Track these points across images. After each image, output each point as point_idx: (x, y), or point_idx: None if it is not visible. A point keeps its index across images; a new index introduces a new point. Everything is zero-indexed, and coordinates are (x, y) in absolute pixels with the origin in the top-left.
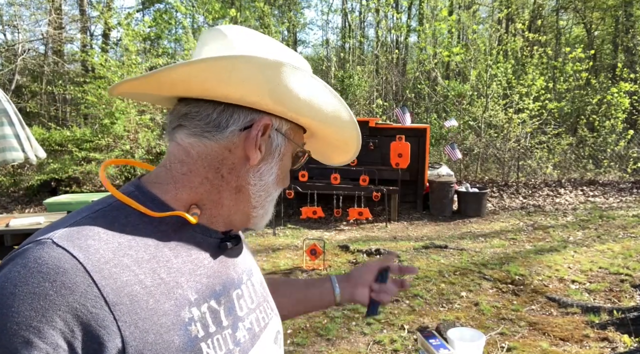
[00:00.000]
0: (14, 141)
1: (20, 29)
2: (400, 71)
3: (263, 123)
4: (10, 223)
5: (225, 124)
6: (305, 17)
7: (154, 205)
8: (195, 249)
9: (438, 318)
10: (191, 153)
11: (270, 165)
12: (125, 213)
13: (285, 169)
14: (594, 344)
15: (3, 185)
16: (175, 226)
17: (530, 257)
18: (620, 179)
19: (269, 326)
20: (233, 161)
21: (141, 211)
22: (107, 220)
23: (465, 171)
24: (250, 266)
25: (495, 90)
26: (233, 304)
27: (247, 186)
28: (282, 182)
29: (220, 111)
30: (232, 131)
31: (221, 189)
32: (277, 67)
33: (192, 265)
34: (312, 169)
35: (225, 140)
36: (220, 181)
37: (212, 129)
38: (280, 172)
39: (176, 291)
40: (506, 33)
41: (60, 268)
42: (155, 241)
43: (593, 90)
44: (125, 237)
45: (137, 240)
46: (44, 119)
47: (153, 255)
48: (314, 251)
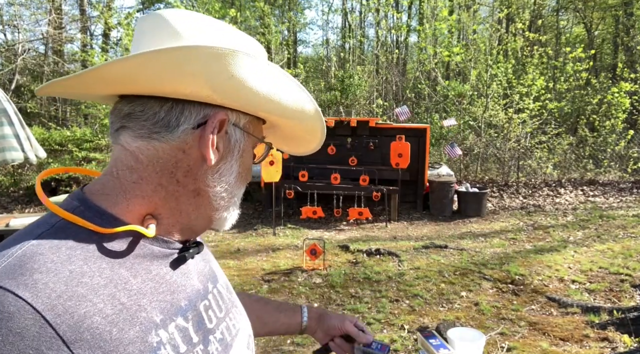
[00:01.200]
0: (13, 140)
1: (20, 29)
2: (400, 71)
3: (218, 119)
4: (10, 223)
5: (176, 123)
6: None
7: (103, 220)
8: (154, 264)
9: (438, 318)
10: (140, 158)
11: (230, 163)
12: (72, 233)
13: (246, 165)
14: (594, 344)
15: (3, 185)
16: (130, 241)
17: (530, 257)
18: (621, 179)
19: (240, 332)
20: (188, 162)
21: (89, 228)
22: (53, 245)
23: (465, 171)
24: (214, 272)
25: (495, 90)
26: (202, 318)
27: (207, 189)
28: (244, 179)
29: (169, 108)
30: (184, 130)
31: (178, 195)
32: (231, 57)
33: (153, 283)
34: (312, 169)
35: (177, 140)
36: (176, 186)
37: (161, 129)
38: (241, 169)
39: (140, 315)
40: (506, 33)
41: (5, 313)
42: (110, 262)
43: (593, 90)
44: (76, 263)
45: (89, 264)
46: (44, 119)
47: (110, 279)
48: (314, 251)
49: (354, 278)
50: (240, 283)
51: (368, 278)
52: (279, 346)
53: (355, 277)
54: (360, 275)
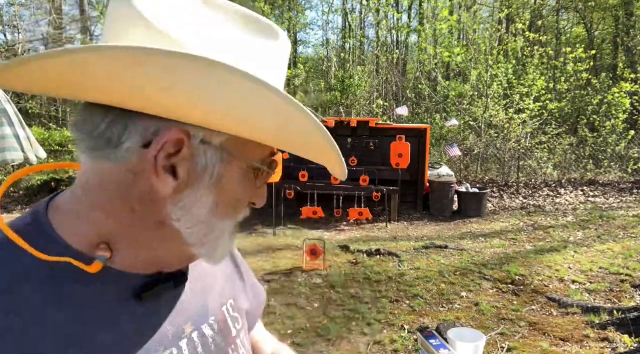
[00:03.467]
0: (13, 140)
1: (20, 29)
2: (401, 71)
3: (169, 138)
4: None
5: (118, 139)
6: (305, 17)
7: (46, 241)
8: (106, 304)
9: (438, 318)
10: (89, 178)
11: (197, 194)
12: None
13: (232, 194)
14: (594, 344)
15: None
16: (78, 276)
17: (530, 257)
18: (621, 179)
19: None
20: (142, 188)
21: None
22: None
23: (465, 171)
24: (205, 305)
25: (495, 90)
26: None
27: (171, 222)
28: (232, 209)
29: (110, 120)
30: (129, 149)
31: (134, 226)
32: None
33: (98, 328)
34: (312, 169)
35: (122, 160)
36: (131, 215)
37: (103, 146)
38: (222, 199)
39: None
40: (506, 33)
41: None
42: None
43: (593, 90)
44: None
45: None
46: (44, 119)
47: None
48: (314, 251)
49: (354, 278)
50: None
51: (368, 278)
52: None
53: (355, 277)
54: (360, 275)
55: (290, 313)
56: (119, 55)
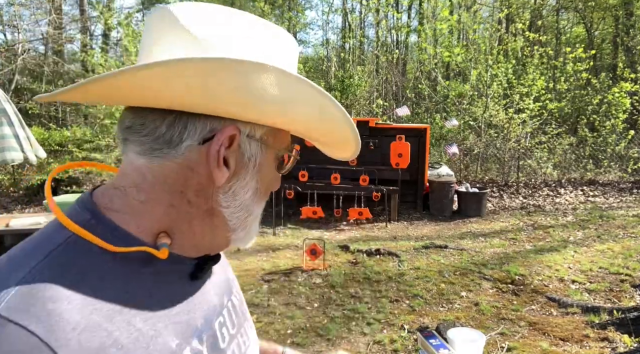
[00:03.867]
0: (12, 140)
1: (20, 29)
2: (401, 71)
3: (227, 135)
4: (10, 223)
5: (179, 139)
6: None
7: (116, 237)
8: (169, 283)
9: (438, 318)
10: (147, 177)
11: (244, 181)
12: (83, 251)
13: (266, 179)
14: (594, 344)
15: (3, 185)
16: (144, 259)
17: (530, 257)
18: (621, 179)
19: (249, 349)
20: (198, 181)
21: (101, 246)
22: (65, 267)
23: (465, 171)
24: (229, 281)
25: (495, 90)
26: (216, 338)
27: (220, 209)
28: (263, 195)
29: (170, 123)
30: (189, 147)
31: (191, 217)
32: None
33: (169, 303)
34: (312, 169)
35: (182, 158)
36: (188, 207)
37: (163, 146)
38: (260, 185)
39: (156, 341)
40: (506, 33)
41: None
42: (125, 284)
43: (593, 90)
44: (90, 286)
45: (103, 287)
46: (44, 119)
47: (125, 302)
48: (314, 251)
49: (354, 278)
50: (240, 283)
51: (368, 278)
52: None
53: (355, 277)
54: (360, 275)
55: (290, 313)
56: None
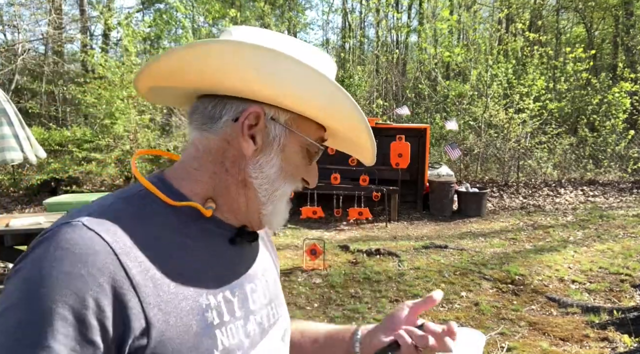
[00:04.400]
0: (12, 140)
1: (20, 29)
2: (401, 71)
3: (251, 111)
4: (10, 223)
5: (219, 115)
6: (305, 17)
7: (173, 195)
8: (213, 240)
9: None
10: (199, 148)
11: (269, 157)
12: (149, 201)
13: (292, 161)
14: (594, 344)
15: (3, 185)
16: (194, 217)
17: (530, 258)
18: (621, 179)
19: (278, 323)
20: (233, 152)
21: (162, 199)
22: (134, 207)
23: (465, 171)
24: (270, 264)
25: (495, 90)
26: (246, 297)
27: (250, 179)
28: (289, 175)
29: (215, 103)
30: (226, 122)
31: (228, 184)
32: (257, 52)
33: (210, 255)
34: None
35: (221, 132)
36: (226, 174)
37: (208, 121)
38: (285, 164)
39: (196, 278)
40: (506, 33)
41: (91, 250)
42: (178, 230)
43: (593, 90)
44: (150, 224)
45: (161, 227)
46: (44, 119)
47: (176, 243)
48: (314, 251)
49: (354, 278)
50: None
51: (368, 278)
52: None
53: (355, 277)
54: (360, 275)
55: (290, 313)
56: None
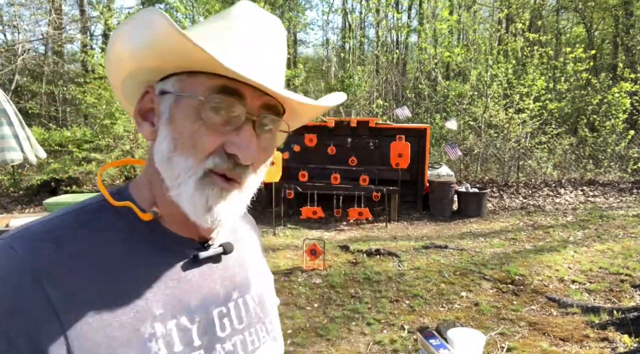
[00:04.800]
0: (12, 141)
1: (20, 29)
2: (401, 71)
3: (141, 93)
4: (10, 223)
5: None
6: (305, 18)
7: (119, 197)
8: (171, 260)
9: (438, 318)
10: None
11: (162, 133)
12: (102, 215)
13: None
14: (594, 344)
15: (3, 185)
16: (150, 234)
17: (530, 257)
18: (621, 179)
19: (260, 350)
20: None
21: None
22: (79, 221)
23: (465, 171)
24: (247, 280)
25: (495, 90)
26: (212, 323)
27: (155, 165)
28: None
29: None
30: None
31: (152, 178)
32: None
33: (164, 277)
34: (312, 169)
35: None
36: (150, 168)
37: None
38: (176, 135)
39: (138, 304)
40: (506, 33)
41: (5, 270)
42: (125, 249)
43: (593, 90)
44: (91, 242)
45: (104, 246)
46: (44, 119)
47: (118, 263)
48: (314, 251)
49: (354, 278)
50: None
51: (368, 278)
52: None
53: (355, 277)
54: (360, 275)
55: (290, 313)
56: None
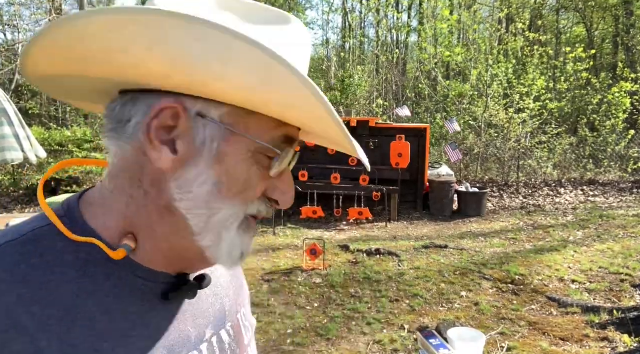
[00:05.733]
0: (13, 140)
1: (20, 29)
2: (401, 71)
3: (162, 107)
4: (10, 223)
5: (128, 117)
6: (306, 17)
7: (78, 228)
8: (134, 300)
9: (438, 318)
10: (114, 161)
11: (197, 170)
12: (46, 246)
13: (236, 175)
14: (594, 344)
15: (3, 185)
16: (109, 269)
17: (530, 257)
18: (621, 179)
19: None
20: (153, 168)
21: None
22: (16, 257)
23: (466, 171)
24: (222, 314)
25: (495, 90)
26: None
27: (175, 204)
28: (237, 196)
29: (125, 101)
30: (136, 125)
31: (149, 212)
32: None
33: (126, 324)
34: (312, 169)
35: (133, 138)
36: (145, 199)
37: (117, 125)
38: (226, 179)
39: None
40: (507, 33)
41: None
42: (77, 290)
43: (594, 90)
44: (33, 284)
45: (49, 288)
46: (44, 119)
47: (68, 311)
48: (314, 251)
49: (354, 278)
50: None
51: (368, 278)
52: (279, 346)
53: (355, 277)
54: (360, 275)
55: (290, 313)
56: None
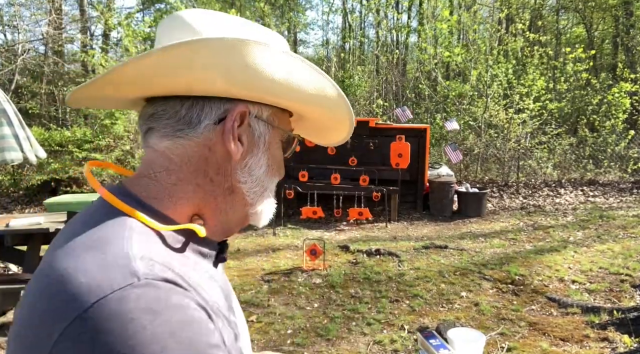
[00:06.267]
0: (12, 141)
1: (20, 29)
2: (401, 71)
3: (238, 112)
4: (10, 223)
5: (197, 120)
6: (306, 17)
7: (161, 219)
8: (207, 264)
9: (438, 318)
10: (172, 158)
11: (257, 157)
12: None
13: (276, 158)
14: (594, 345)
15: (3, 185)
16: (187, 243)
17: (530, 258)
18: (621, 179)
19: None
20: (216, 159)
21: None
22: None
23: (465, 171)
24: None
25: (495, 90)
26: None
27: (239, 185)
28: (276, 172)
29: (190, 105)
30: (206, 126)
31: (215, 195)
32: (242, 46)
33: (208, 280)
34: (312, 169)
35: (202, 137)
36: (211, 185)
37: (184, 127)
38: (271, 162)
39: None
40: (506, 33)
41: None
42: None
43: (593, 90)
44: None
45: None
46: (44, 119)
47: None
48: (314, 251)
49: (354, 278)
50: (240, 283)
51: (368, 278)
52: (279, 346)
53: (355, 277)
54: (360, 275)
55: (290, 313)
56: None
